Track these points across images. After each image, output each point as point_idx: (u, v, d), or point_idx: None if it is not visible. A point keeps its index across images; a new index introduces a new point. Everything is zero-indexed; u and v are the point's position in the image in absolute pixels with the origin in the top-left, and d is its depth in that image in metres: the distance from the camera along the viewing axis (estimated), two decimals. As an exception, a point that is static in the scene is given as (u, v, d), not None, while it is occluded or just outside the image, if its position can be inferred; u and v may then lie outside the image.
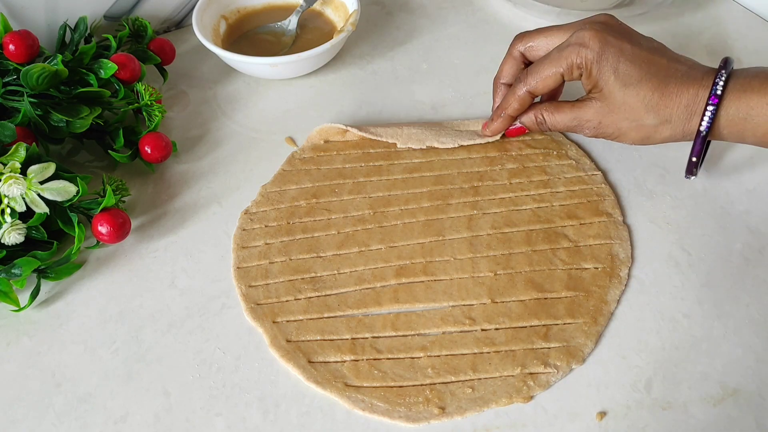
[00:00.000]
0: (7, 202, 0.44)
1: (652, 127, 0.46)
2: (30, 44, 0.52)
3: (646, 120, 0.45)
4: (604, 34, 0.46)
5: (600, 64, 0.45)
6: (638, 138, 0.47)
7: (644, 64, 0.45)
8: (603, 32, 0.46)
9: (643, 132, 0.46)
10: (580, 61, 0.46)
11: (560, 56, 0.47)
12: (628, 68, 0.45)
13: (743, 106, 0.43)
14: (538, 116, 0.50)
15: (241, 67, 0.61)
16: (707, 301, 0.45)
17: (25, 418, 0.41)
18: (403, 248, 0.48)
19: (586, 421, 0.40)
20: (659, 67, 0.45)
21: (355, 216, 0.50)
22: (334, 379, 0.42)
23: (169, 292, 0.47)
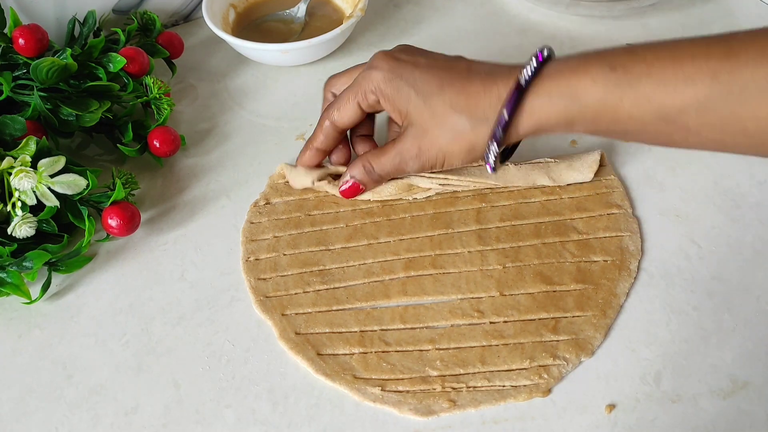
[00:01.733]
0: (18, 196, 0.45)
1: (470, 131, 0.41)
2: (39, 38, 0.52)
3: (460, 124, 0.41)
4: (396, 54, 0.44)
5: (393, 84, 0.43)
6: (463, 151, 0.42)
7: (442, 71, 0.42)
8: (394, 53, 0.44)
9: (465, 142, 0.42)
10: (373, 86, 0.43)
11: (355, 83, 0.45)
12: (426, 79, 0.42)
13: (564, 87, 0.38)
14: (366, 165, 0.47)
15: (252, 54, 0.62)
16: (717, 293, 0.45)
17: (37, 410, 0.41)
18: (412, 241, 0.48)
19: (595, 413, 0.40)
20: (459, 70, 0.42)
21: (363, 209, 0.50)
22: (343, 372, 0.42)
23: (179, 285, 0.47)
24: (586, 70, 0.38)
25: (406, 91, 0.42)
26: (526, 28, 0.67)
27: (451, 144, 0.42)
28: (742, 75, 0.33)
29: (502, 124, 0.40)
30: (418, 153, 0.44)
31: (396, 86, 0.43)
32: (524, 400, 0.40)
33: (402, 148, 0.44)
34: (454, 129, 0.42)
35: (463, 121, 0.41)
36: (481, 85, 0.41)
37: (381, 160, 0.46)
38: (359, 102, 0.45)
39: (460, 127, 0.41)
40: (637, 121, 0.37)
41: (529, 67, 0.39)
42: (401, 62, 0.43)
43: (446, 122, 0.42)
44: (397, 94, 0.43)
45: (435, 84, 0.42)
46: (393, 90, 0.43)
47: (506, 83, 0.40)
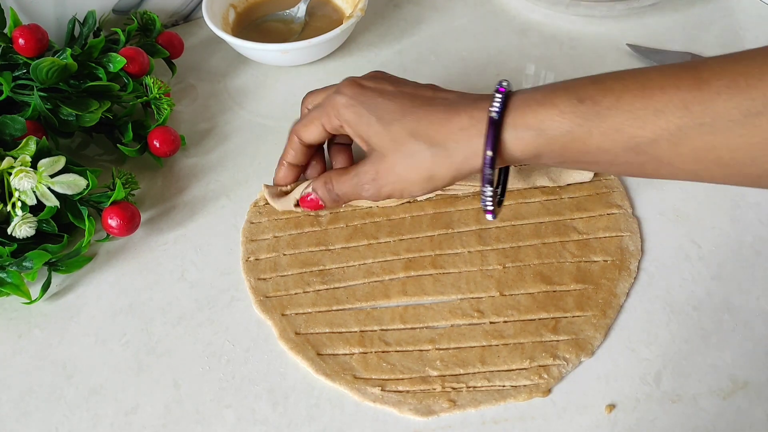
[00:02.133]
0: (18, 196, 0.45)
1: (429, 159, 0.40)
2: (39, 38, 0.52)
3: (418, 151, 0.40)
4: (362, 81, 0.43)
5: (354, 110, 0.42)
6: (421, 180, 0.41)
7: (407, 98, 0.41)
8: (362, 80, 0.44)
9: (423, 170, 0.40)
10: (335, 111, 0.43)
11: (321, 105, 0.45)
12: (388, 106, 0.41)
13: (531, 119, 0.37)
14: (328, 183, 0.46)
15: (252, 54, 0.62)
16: (717, 293, 0.45)
17: (37, 410, 0.41)
18: (412, 241, 0.48)
19: (595, 413, 0.40)
20: (423, 99, 0.41)
21: (363, 208, 0.50)
22: (343, 372, 0.42)
23: (179, 285, 0.47)
24: (553, 103, 0.37)
25: (367, 118, 0.42)
26: (526, 28, 0.67)
27: (408, 171, 0.41)
28: (713, 105, 0.33)
29: (488, 162, 0.38)
30: (375, 177, 0.42)
31: (357, 112, 0.42)
32: (524, 400, 0.40)
33: (360, 170, 0.43)
34: (412, 156, 0.40)
35: (421, 148, 0.40)
36: (443, 113, 0.40)
37: (341, 180, 0.45)
38: (323, 124, 0.44)
39: (418, 154, 0.40)
40: (607, 153, 0.36)
41: (497, 102, 0.38)
42: (365, 89, 0.43)
43: (405, 149, 0.41)
44: (358, 119, 0.42)
45: (397, 111, 0.41)
46: (354, 116, 0.42)
47: (470, 114, 0.39)
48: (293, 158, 0.48)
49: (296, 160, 0.48)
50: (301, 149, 0.47)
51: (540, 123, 0.37)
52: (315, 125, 0.45)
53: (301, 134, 0.46)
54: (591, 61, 0.63)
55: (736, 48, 0.63)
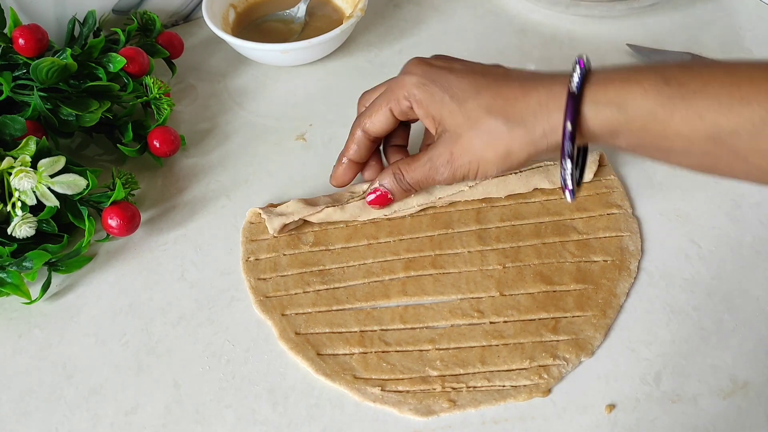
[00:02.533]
0: (18, 196, 0.45)
1: (506, 135, 0.39)
2: (39, 38, 0.52)
3: (495, 128, 0.39)
4: (430, 60, 0.43)
5: (426, 88, 0.41)
6: (498, 158, 0.40)
7: (478, 76, 0.41)
8: (429, 59, 0.43)
9: (500, 146, 0.40)
10: (405, 92, 0.42)
11: (387, 90, 0.44)
12: (461, 84, 0.41)
13: (613, 95, 0.36)
14: (396, 172, 0.45)
15: (251, 54, 0.62)
16: (717, 293, 0.45)
17: (37, 410, 0.41)
18: (412, 241, 0.48)
19: (595, 413, 0.40)
20: (496, 75, 0.41)
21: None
22: (343, 372, 0.42)
23: (179, 285, 0.47)
24: (638, 81, 0.36)
25: (440, 96, 0.41)
26: (526, 28, 0.67)
27: (485, 149, 0.40)
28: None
29: (568, 136, 0.37)
30: (450, 159, 0.42)
31: (429, 91, 0.41)
32: (524, 400, 0.40)
33: (433, 154, 0.42)
34: (488, 132, 0.40)
35: (498, 124, 0.39)
36: (519, 89, 0.39)
37: (411, 167, 0.44)
38: (392, 108, 0.44)
39: (495, 130, 0.39)
40: (684, 139, 0.35)
41: (577, 75, 0.37)
42: (435, 67, 0.42)
43: (480, 126, 0.40)
44: (430, 98, 0.41)
45: (470, 88, 0.40)
46: (426, 94, 0.41)
47: (548, 88, 0.38)
48: (355, 154, 0.47)
49: (358, 156, 0.47)
50: (365, 144, 0.47)
51: (622, 99, 0.36)
52: (382, 112, 0.44)
53: (366, 126, 0.45)
54: (591, 61, 0.63)
55: (736, 48, 0.64)
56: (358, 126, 0.46)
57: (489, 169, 0.41)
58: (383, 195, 0.46)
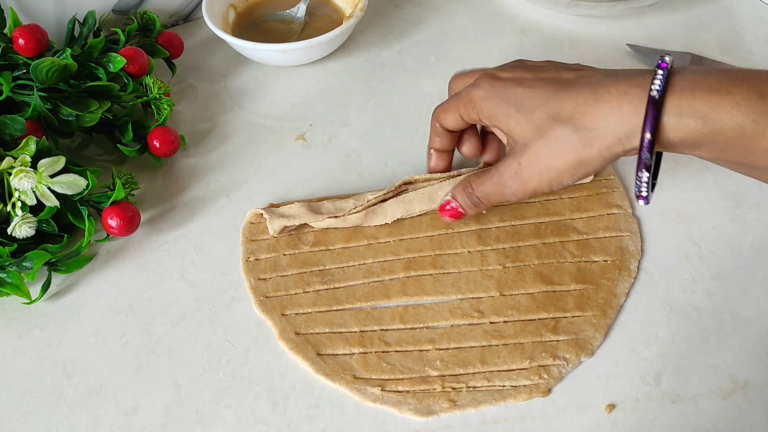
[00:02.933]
0: (18, 196, 0.45)
1: (577, 142, 0.37)
2: (39, 38, 0.52)
3: (564, 135, 0.38)
4: (499, 73, 0.42)
5: (492, 102, 0.41)
6: (569, 167, 0.38)
7: (547, 84, 0.39)
8: (499, 72, 0.42)
9: (570, 156, 0.38)
10: (472, 105, 0.42)
11: (458, 97, 0.44)
12: (528, 94, 0.39)
13: (700, 105, 0.34)
14: (467, 187, 0.44)
15: (251, 54, 0.62)
16: (717, 293, 0.45)
17: (37, 410, 0.41)
18: (412, 241, 0.48)
19: (595, 413, 0.40)
20: (566, 81, 0.39)
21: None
22: (343, 372, 0.42)
23: (179, 285, 0.47)
24: (729, 92, 0.34)
25: (506, 109, 0.40)
26: (526, 28, 0.67)
27: (554, 158, 0.38)
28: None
29: (647, 146, 0.35)
30: (518, 170, 0.40)
31: (495, 105, 0.41)
32: (524, 400, 0.40)
33: (501, 166, 0.41)
34: (557, 140, 0.38)
35: (567, 131, 0.37)
36: (590, 93, 0.37)
37: (480, 180, 0.43)
38: (461, 115, 0.44)
39: (564, 138, 0.38)
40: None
41: (659, 80, 0.35)
42: (502, 81, 0.41)
43: (549, 134, 0.38)
44: (497, 111, 0.41)
45: (539, 97, 0.39)
46: (493, 108, 0.41)
47: (623, 91, 0.36)
48: (440, 144, 0.48)
49: (443, 145, 0.48)
50: (445, 134, 0.47)
51: (710, 111, 0.34)
52: (453, 114, 0.44)
53: (441, 119, 0.46)
54: (591, 61, 0.63)
55: (736, 48, 0.64)
56: (435, 119, 0.46)
57: (562, 180, 0.40)
58: (455, 210, 0.46)
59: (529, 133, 0.39)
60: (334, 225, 0.48)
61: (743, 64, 0.61)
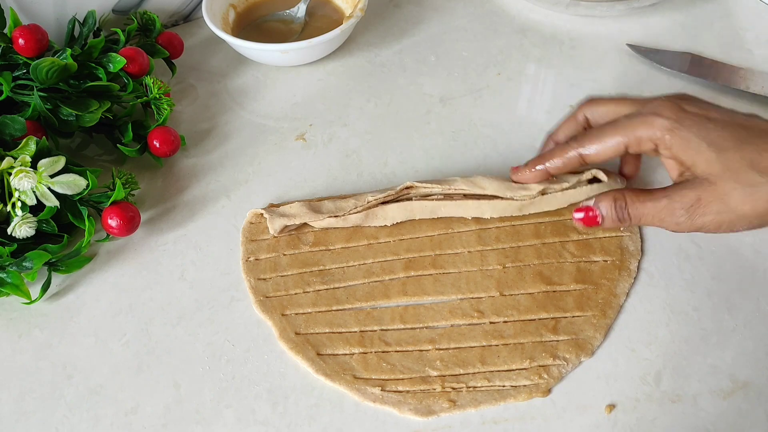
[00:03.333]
0: (18, 196, 0.45)
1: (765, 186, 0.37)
2: (39, 38, 0.52)
3: (758, 183, 0.37)
4: (682, 104, 0.41)
5: (680, 134, 0.39)
6: (754, 214, 0.38)
7: (739, 128, 0.39)
8: (681, 102, 0.41)
9: (759, 203, 0.38)
10: (651, 133, 0.40)
11: (628, 124, 0.41)
12: (721, 133, 0.39)
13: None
14: (620, 201, 0.42)
15: (251, 54, 0.62)
16: (717, 293, 0.45)
17: (37, 410, 0.41)
18: (412, 241, 0.48)
19: (595, 414, 0.40)
20: (759, 130, 0.39)
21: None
22: (343, 372, 0.42)
23: (179, 285, 0.47)
24: None
25: (696, 143, 0.39)
26: (526, 28, 0.67)
27: (743, 203, 0.38)
28: None
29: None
30: (695, 204, 0.39)
31: (684, 137, 0.39)
32: (524, 400, 0.40)
33: (675, 194, 0.40)
34: (751, 187, 0.37)
35: (763, 180, 0.37)
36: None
37: (641, 200, 0.41)
38: (628, 144, 0.41)
39: (760, 186, 0.37)
40: None
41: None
42: (689, 114, 0.40)
43: (742, 179, 0.38)
44: (683, 144, 0.39)
45: (732, 139, 0.38)
46: (680, 140, 0.40)
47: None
48: (556, 169, 0.45)
49: (558, 171, 0.46)
50: (575, 165, 0.44)
51: None
52: (614, 145, 0.42)
53: (588, 152, 0.43)
54: (591, 61, 0.63)
55: (736, 48, 0.63)
56: (578, 146, 0.43)
57: (739, 225, 0.39)
58: (593, 218, 0.43)
59: (717, 173, 0.39)
60: (334, 225, 0.48)
61: (743, 64, 0.61)
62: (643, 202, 0.41)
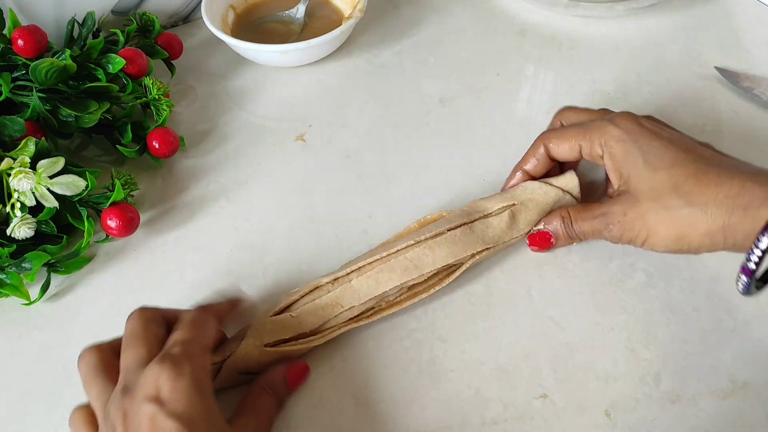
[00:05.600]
0: (17, 197, 0.45)
1: (683, 219, 0.38)
2: (38, 39, 0.52)
3: (675, 207, 0.38)
4: (641, 120, 0.42)
5: (625, 146, 0.41)
6: (670, 236, 0.39)
7: (681, 151, 0.39)
8: (640, 120, 0.42)
9: (673, 228, 0.39)
10: (602, 139, 0.42)
11: (586, 128, 0.43)
12: (660, 152, 0.40)
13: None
14: (566, 218, 0.45)
15: (251, 55, 0.62)
16: (716, 294, 0.45)
17: (36, 411, 0.41)
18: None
19: (595, 414, 0.40)
20: (698, 156, 0.39)
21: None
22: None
23: (178, 286, 0.47)
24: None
25: (635, 158, 0.40)
26: (525, 29, 0.67)
27: (658, 224, 0.39)
28: None
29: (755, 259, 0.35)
30: (622, 220, 0.41)
31: (627, 150, 0.41)
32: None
33: (610, 210, 0.42)
34: (667, 210, 0.39)
35: (679, 204, 0.38)
36: (715, 175, 0.37)
37: (582, 216, 0.44)
38: (582, 146, 0.43)
39: (674, 209, 0.38)
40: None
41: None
42: (642, 128, 0.41)
43: (662, 200, 0.39)
44: (624, 156, 0.41)
45: (668, 159, 0.39)
46: (622, 152, 0.41)
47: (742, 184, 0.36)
48: (533, 168, 0.47)
49: (534, 170, 0.47)
50: (545, 161, 0.46)
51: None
52: (571, 145, 0.44)
53: (551, 148, 0.45)
54: (590, 62, 0.63)
55: (735, 49, 0.64)
56: (543, 141, 0.45)
57: (657, 244, 0.40)
58: (547, 237, 0.46)
59: (644, 190, 0.40)
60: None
61: (742, 65, 0.61)
62: (584, 218, 0.44)
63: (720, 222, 0.37)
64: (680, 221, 0.38)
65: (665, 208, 0.39)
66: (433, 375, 0.42)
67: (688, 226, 0.38)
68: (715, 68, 0.60)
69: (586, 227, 0.44)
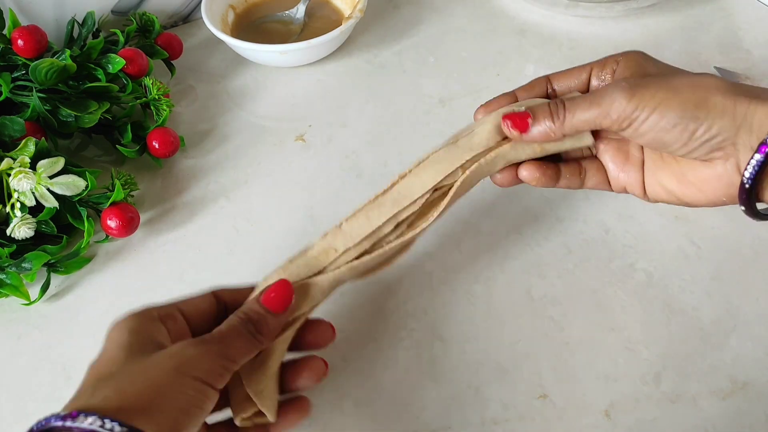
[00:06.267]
0: (17, 197, 0.45)
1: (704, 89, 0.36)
2: (38, 39, 0.52)
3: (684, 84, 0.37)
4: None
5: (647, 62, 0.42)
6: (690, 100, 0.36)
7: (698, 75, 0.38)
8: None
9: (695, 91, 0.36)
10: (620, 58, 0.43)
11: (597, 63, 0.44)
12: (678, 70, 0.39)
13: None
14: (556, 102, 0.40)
15: (250, 55, 0.62)
16: (717, 294, 0.45)
17: (36, 411, 0.41)
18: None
19: (595, 414, 0.40)
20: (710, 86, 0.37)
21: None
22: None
23: (178, 286, 0.47)
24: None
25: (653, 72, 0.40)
26: (525, 29, 0.67)
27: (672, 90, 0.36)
28: None
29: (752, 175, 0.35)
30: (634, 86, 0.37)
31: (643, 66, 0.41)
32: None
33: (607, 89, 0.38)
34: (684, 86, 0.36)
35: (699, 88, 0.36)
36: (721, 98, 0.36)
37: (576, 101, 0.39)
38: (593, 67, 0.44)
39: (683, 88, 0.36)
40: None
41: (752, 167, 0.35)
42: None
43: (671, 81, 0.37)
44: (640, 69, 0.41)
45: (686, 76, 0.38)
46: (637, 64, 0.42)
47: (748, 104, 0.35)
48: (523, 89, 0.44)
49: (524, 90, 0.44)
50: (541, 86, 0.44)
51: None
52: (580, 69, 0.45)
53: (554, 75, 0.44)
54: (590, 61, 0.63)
55: (735, 49, 0.64)
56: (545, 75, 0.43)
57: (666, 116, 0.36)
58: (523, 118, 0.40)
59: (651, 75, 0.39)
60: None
61: (742, 65, 0.61)
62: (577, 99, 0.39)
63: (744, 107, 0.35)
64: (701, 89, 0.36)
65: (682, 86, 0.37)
66: (433, 375, 0.42)
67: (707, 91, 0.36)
68: (715, 68, 0.60)
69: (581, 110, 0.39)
